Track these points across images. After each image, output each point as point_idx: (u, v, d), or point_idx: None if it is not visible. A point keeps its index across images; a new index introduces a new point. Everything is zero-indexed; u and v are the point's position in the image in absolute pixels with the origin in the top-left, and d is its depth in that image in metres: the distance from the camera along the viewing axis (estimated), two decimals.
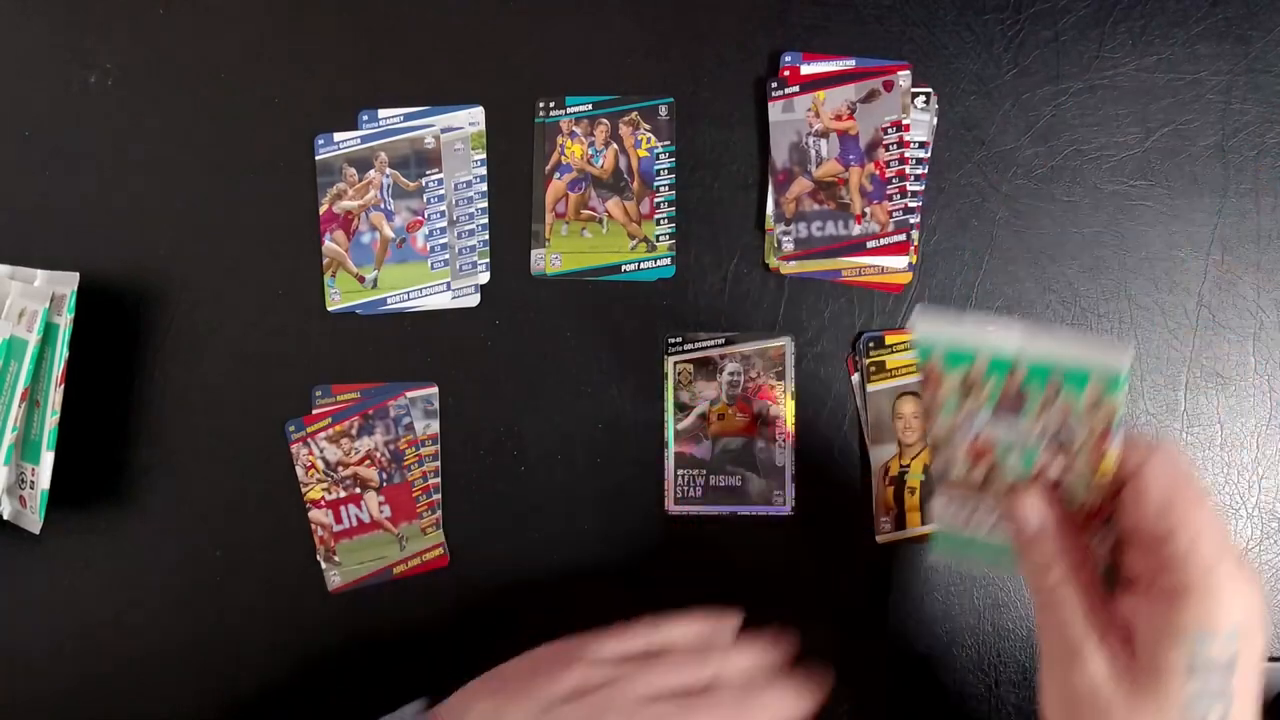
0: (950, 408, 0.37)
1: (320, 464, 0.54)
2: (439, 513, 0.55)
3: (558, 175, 0.55)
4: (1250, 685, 0.33)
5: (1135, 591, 0.35)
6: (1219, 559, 0.33)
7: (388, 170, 0.55)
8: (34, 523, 0.51)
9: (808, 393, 0.54)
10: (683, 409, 0.54)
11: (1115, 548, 0.37)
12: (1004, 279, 0.54)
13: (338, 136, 0.55)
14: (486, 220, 0.55)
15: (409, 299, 0.55)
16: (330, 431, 0.54)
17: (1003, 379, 0.35)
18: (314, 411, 0.54)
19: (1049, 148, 0.54)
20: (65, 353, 0.51)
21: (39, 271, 0.52)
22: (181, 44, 0.56)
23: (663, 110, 0.55)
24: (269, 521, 0.55)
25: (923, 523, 0.53)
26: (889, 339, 0.54)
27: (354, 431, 0.54)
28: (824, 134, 0.54)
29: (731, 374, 0.54)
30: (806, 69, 0.54)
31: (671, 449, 0.54)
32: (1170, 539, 0.33)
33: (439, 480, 0.55)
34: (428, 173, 0.55)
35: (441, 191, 0.55)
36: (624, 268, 0.55)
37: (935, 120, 0.54)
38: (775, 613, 0.54)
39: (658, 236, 0.55)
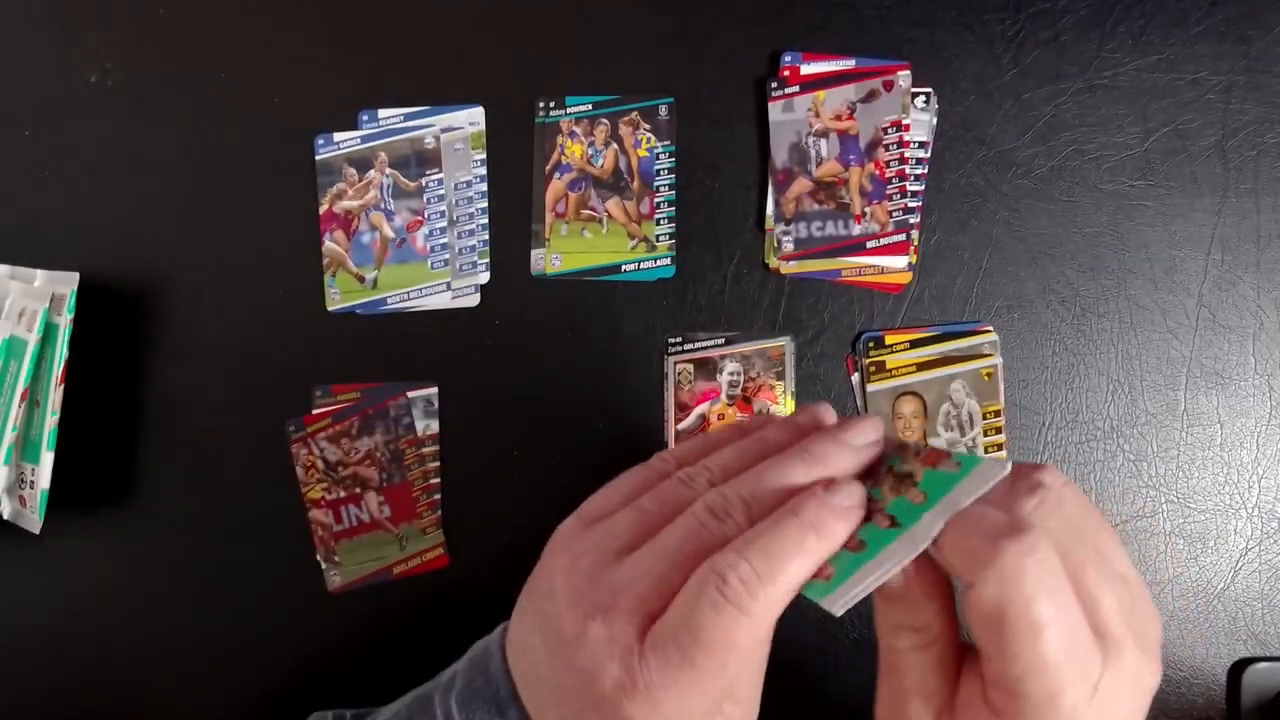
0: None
1: (320, 464, 0.54)
2: (439, 513, 0.55)
3: (558, 175, 0.55)
4: None
5: (976, 678, 0.31)
6: (1057, 695, 0.28)
7: (388, 170, 0.55)
8: (34, 523, 0.51)
9: (808, 393, 0.54)
10: (683, 409, 0.54)
11: None
12: (1004, 279, 0.54)
13: (338, 136, 0.55)
14: (486, 220, 0.55)
15: (409, 299, 0.55)
16: (330, 431, 0.54)
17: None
18: (314, 411, 0.54)
19: (1049, 148, 0.54)
20: (65, 352, 0.51)
21: (39, 271, 0.52)
22: (181, 44, 0.56)
23: (663, 110, 0.55)
24: (269, 521, 0.55)
25: None
26: (889, 339, 0.54)
27: (354, 431, 0.54)
28: (824, 134, 0.54)
29: (731, 374, 0.54)
30: (806, 69, 0.54)
31: None
32: (1008, 661, 0.28)
33: (439, 480, 0.55)
34: (428, 173, 0.55)
35: (441, 191, 0.55)
36: (624, 268, 0.55)
37: (935, 120, 0.54)
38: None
39: (658, 236, 0.55)
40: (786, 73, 0.54)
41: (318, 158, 0.55)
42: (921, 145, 0.54)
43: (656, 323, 0.55)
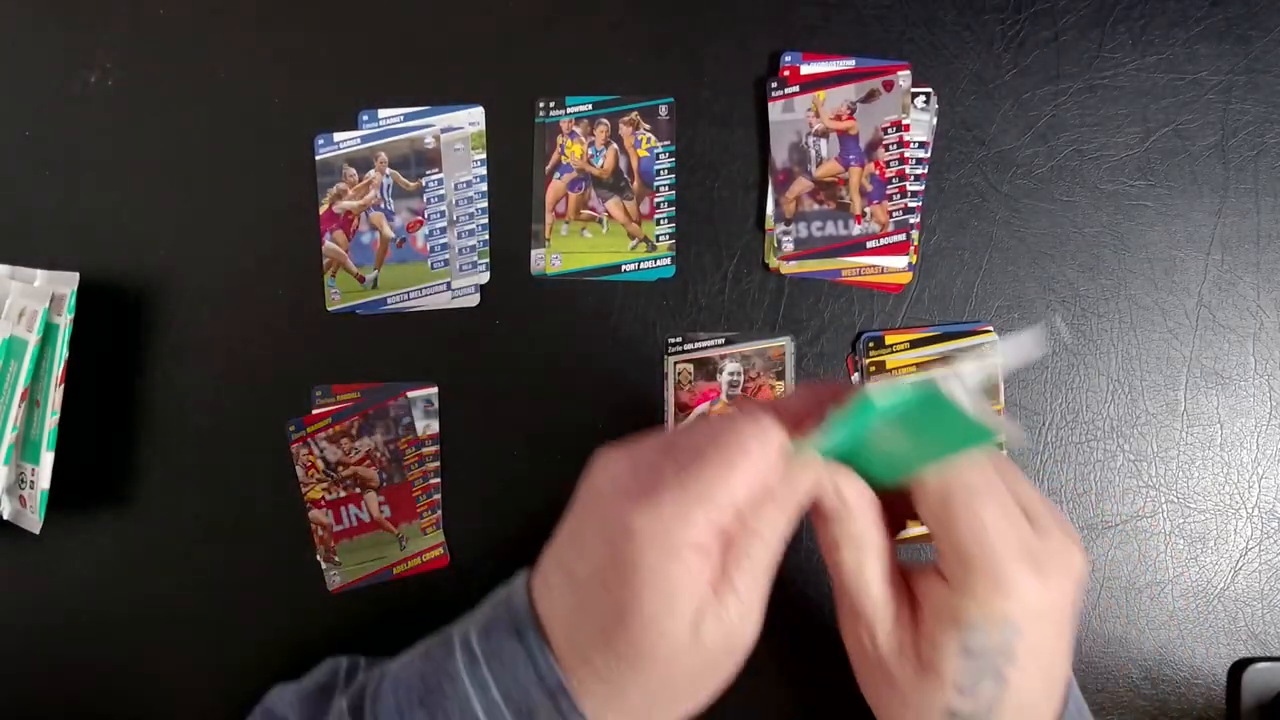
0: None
1: (320, 464, 0.54)
2: (439, 513, 0.55)
3: (558, 175, 0.55)
4: (1030, 669, 0.34)
5: (930, 571, 0.36)
6: (998, 555, 0.33)
7: (388, 170, 0.55)
8: (34, 523, 0.51)
9: None
10: (683, 409, 0.54)
11: None
12: (1004, 279, 0.54)
13: (338, 136, 0.55)
14: (486, 220, 0.55)
15: (409, 299, 0.55)
16: (330, 431, 0.54)
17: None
18: (314, 411, 0.54)
19: (1049, 148, 0.54)
20: (65, 353, 0.51)
21: (39, 271, 0.52)
22: (181, 44, 0.56)
23: (663, 110, 0.55)
24: (269, 521, 0.55)
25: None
26: (889, 339, 0.54)
27: (354, 431, 0.54)
28: (824, 134, 0.54)
29: (731, 374, 0.54)
30: (806, 69, 0.54)
31: None
32: (951, 530, 0.34)
33: (439, 480, 0.55)
34: (428, 173, 0.55)
35: (441, 191, 0.55)
36: (624, 268, 0.55)
37: (935, 120, 0.54)
38: (775, 613, 0.54)
39: (658, 236, 0.55)
40: (786, 73, 0.54)
41: (318, 158, 0.55)
42: (921, 145, 0.54)
43: (656, 323, 0.55)
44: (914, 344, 0.54)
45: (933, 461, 0.35)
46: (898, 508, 0.38)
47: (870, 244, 0.54)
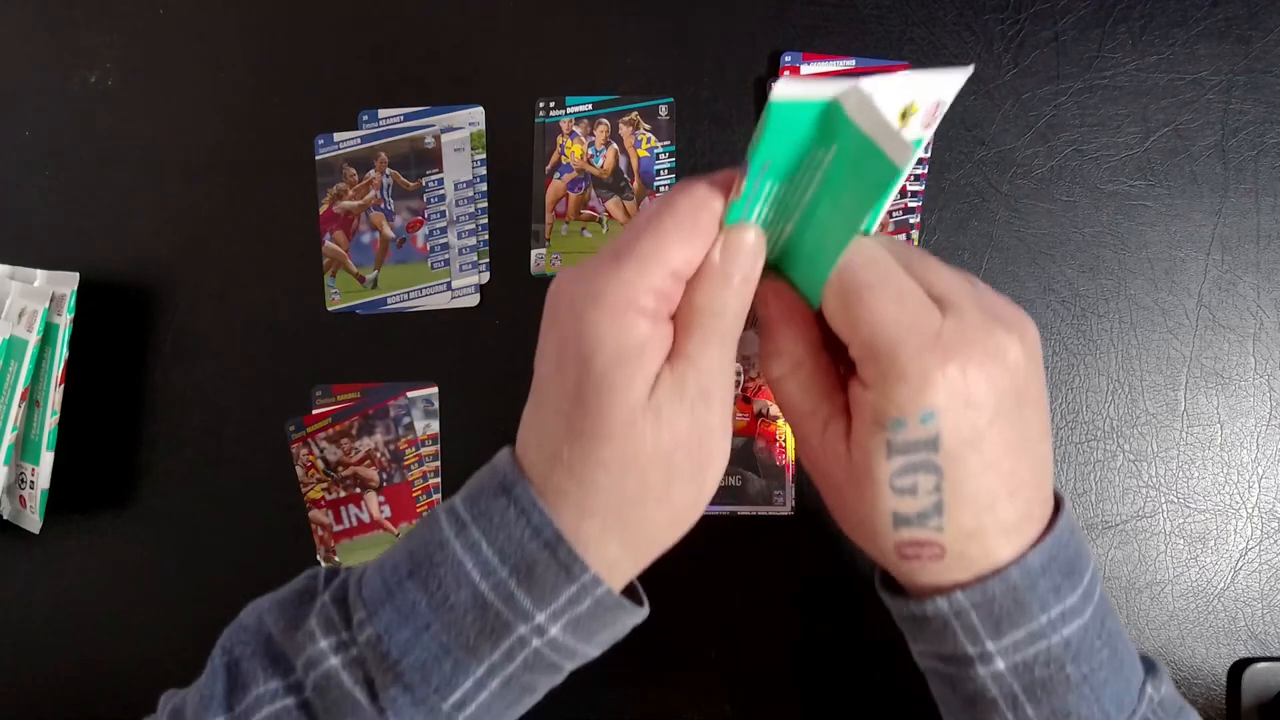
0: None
1: (320, 464, 0.54)
2: None
3: (558, 175, 0.55)
4: (971, 462, 0.33)
5: (854, 380, 0.35)
6: (901, 344, 0.32)
7: (388, 170, 0.55)
8: (34, 523, 0.51)
9: None
10: None
11: None
12: (1004, 279, 0.54)
13: (338, 136, 0.55)
14: (486, 220, 0.55)
15: (409, 299, 0.55)
16: (330, 431, 0.54)
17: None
18: (314, 411, 0.54)
19: (1049, 148, 0.54)
20: (65, 353, 0.51)
21: (39, 271, 0.53)
22: (181, 44, 0.56)
23: (663, 110, 0.55)
24: (269, 521, 0.55)
25: None
26: None
27: (354, 431, 0.54)
28: None
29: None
30: (806, 69, 0.54)
31: None
32: (855, 329, 0.33)
33: (439, 480, 0.55)
34: (428, 173, 0.55)
35: (442, 191, 0.55)
36: None
37: None
38: (775, 613, 0.54)
39: None
40: (786, 73, 0.54)
41: (318, 158, 0.55)
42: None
43: None
44: None
45: (848, 238, 0.34)
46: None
47: None
